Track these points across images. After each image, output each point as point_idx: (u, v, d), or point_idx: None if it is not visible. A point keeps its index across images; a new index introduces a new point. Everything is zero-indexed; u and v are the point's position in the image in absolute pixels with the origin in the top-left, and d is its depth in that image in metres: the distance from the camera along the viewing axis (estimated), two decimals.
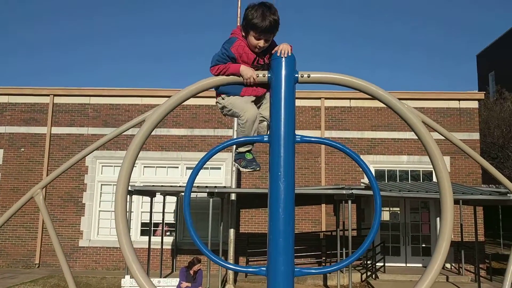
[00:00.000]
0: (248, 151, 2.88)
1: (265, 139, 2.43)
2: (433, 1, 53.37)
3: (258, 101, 2.85)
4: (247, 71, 2.54)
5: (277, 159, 2.31)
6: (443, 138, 2.64)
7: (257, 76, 2.52)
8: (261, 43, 2.64)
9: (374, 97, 2.42)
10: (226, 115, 2.91)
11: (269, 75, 2.48)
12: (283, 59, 2.44)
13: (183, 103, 4.12)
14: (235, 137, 2.80)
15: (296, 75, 2.45)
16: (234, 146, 2.91)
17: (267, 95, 2.77)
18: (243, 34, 2.70)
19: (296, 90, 2.52)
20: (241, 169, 2.88)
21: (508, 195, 13.32)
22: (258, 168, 2.84)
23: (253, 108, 2.76)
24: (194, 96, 2.54)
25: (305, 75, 2.45)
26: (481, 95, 17.75)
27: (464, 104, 17.23)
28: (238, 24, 2.70)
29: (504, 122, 21.62)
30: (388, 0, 53.89)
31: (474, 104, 17.34)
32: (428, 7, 54.21)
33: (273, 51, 2.56)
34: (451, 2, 54.20)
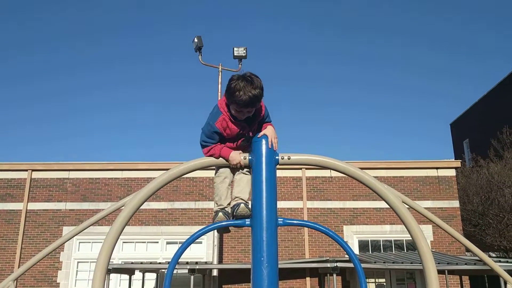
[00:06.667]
0: (220, 210, 2.77)
1: (246, 222, 2.41)
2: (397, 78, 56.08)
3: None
4: (234, 157, 2.58)
5: (260, 244, 2.27)
6: (424, 207, 2.65)
7: (244, 159, 2.55)
8: (242, 115, 2.66)
9: (354, 178, 2.45)
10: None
11: (250, 157, 2.51)
12: (263, 141, 2.48)
13: None
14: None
15: (277, 157, 2.48)
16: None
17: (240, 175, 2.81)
18: (227, 102, 2.70)
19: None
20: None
21: None
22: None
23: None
24: (176, 178, 2.52)
25: (286, 157, 2.49)
26: (458, 163, 18.13)
27: (442, 173, 17.52)
28: (224, 96, 2.75)
29: (482, 189, 21.91)
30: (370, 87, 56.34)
31: (452, 172, 17.65)
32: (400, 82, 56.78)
33: (259, 135, 2.59)
34: (419, 75, 56.98)
